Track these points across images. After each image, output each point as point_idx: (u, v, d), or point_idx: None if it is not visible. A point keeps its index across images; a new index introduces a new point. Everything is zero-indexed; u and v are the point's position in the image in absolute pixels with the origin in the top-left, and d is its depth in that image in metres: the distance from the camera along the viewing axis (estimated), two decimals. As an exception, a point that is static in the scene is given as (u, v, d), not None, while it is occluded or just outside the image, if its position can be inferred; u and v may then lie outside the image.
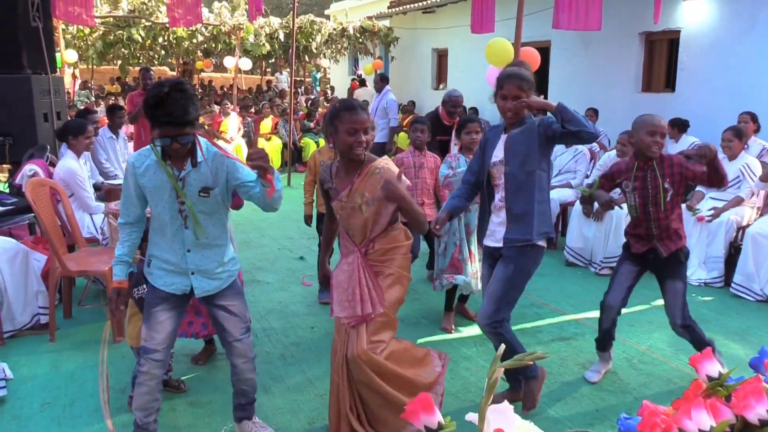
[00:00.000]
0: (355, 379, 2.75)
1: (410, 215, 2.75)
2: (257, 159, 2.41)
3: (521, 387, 3.26)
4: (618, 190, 3.65)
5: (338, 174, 2.83)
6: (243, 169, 2.66)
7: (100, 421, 3.17)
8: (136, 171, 2.59)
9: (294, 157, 11.96)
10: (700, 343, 3.47)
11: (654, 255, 3.41)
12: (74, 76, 16.49)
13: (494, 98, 3.15)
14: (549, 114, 2.99)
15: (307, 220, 4.84)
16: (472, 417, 1.06)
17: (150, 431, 2.79)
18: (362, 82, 14.78)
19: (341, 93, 18.85)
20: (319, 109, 14.14)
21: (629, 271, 3.52)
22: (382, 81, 9.63)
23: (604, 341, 3.64)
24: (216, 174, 2.62)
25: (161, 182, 2.58)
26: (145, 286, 2.88)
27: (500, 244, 3.10)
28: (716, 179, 3.20)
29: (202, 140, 2.64)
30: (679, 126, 7.66)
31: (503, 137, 3.11)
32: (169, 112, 2.36)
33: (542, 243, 3.08)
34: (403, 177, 2.77)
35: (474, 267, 4.33)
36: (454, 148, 4.55)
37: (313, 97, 16.63)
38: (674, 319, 3.47)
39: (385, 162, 2.80)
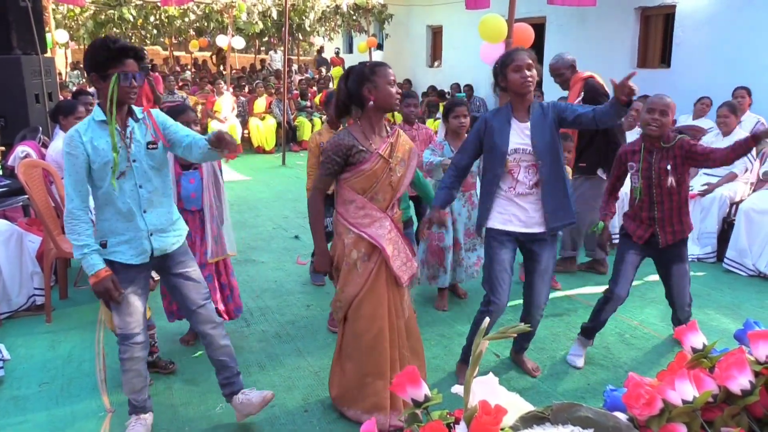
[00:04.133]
0: (408, 337, 2.93)
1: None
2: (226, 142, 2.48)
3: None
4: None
5: (366, 136, 2.75)
6: (175, 124, 2.73)
7: (97, 399, 3.20)
8: (83, 140, 2.51)
9: (288, 136, 11.91)
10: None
11: (656, 240, 3.34)
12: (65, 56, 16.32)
13: (496, 86, 3.16)
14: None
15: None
16: (457, 389, 1.08)
17: (147, 408, 2.85)
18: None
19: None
20: (314, 88, 14.05)
21: (634, 260, 3.42)
22: None
23: (596, 330, 3.56)
24: (156, 126, 2.67)
25: (109, 144, 2.53)
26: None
27: (534, 230, 3.10)
28: (728, 160, 3.19)
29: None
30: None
31: (520, 124, 3.05)
32: (137, 49, 2.57)
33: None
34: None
35: (459, 255, 4.28)
36: (441, 133, 4.40)
37: (308, 76, 16.47)
38: (684, 300, 3.48)
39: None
